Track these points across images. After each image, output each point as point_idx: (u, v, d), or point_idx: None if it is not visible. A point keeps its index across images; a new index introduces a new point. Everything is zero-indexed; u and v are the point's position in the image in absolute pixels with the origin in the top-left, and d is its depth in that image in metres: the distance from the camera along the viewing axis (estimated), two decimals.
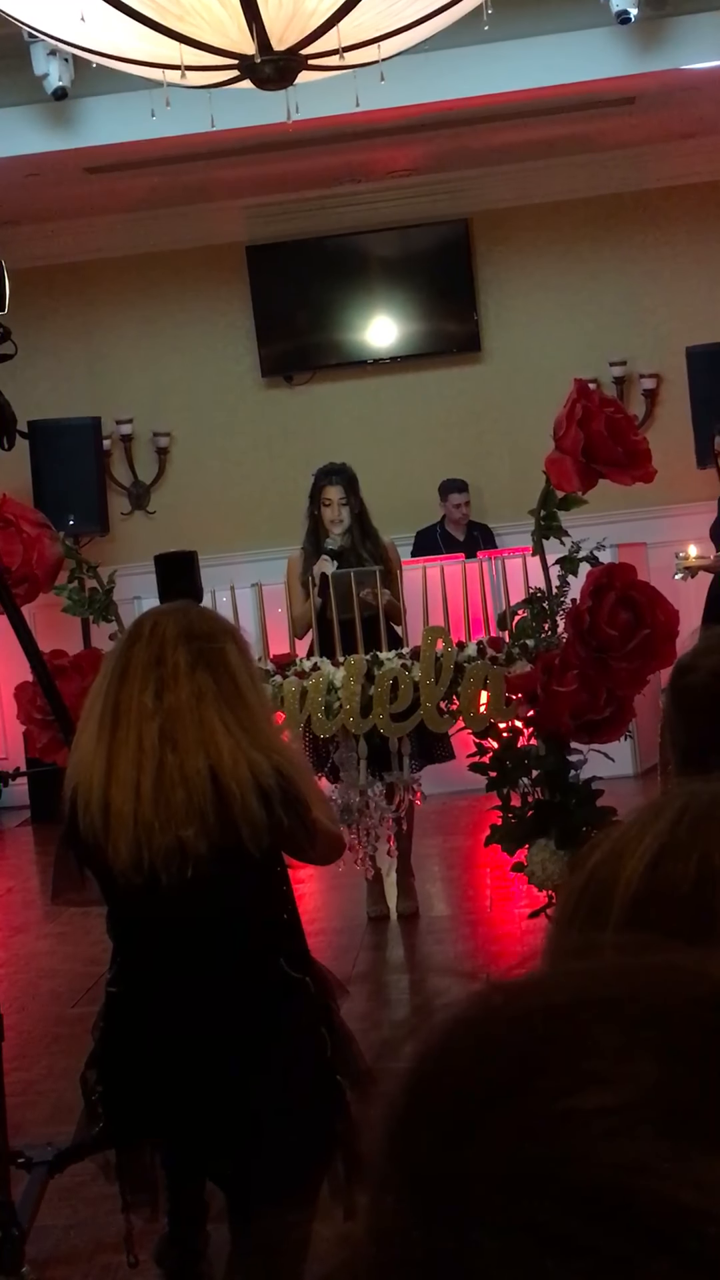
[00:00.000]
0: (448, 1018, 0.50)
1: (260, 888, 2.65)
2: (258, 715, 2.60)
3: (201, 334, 9.99)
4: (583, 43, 7.53)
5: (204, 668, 2.56)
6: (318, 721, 4.93)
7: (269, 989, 2.65)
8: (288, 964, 2.67)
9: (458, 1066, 0.48)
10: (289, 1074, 2.64)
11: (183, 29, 3.68)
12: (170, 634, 2.60)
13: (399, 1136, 0.48)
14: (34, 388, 8.71)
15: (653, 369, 9.71)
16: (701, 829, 0.87)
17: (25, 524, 4.74)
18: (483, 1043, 0.49)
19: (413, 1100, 0.48)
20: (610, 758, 4.78)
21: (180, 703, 2.53)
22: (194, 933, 2.63)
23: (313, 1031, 2.68)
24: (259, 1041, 2.63)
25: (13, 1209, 3.37)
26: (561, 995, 0.50)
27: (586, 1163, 0.44)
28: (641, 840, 0.88)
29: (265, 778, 2.53)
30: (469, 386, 9.91)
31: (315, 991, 2.70)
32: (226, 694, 2.56)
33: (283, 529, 9.20)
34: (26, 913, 6.74)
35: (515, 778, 4.77)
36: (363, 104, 4.64)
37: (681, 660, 2.05)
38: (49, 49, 6.75)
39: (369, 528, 6.18)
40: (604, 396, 4.74)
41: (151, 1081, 2.71)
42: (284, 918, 2.72)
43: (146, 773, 2.53)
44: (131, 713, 2.56)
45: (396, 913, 6.24)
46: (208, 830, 2.52)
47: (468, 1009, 0.51)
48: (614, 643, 4.42)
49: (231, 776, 2.51)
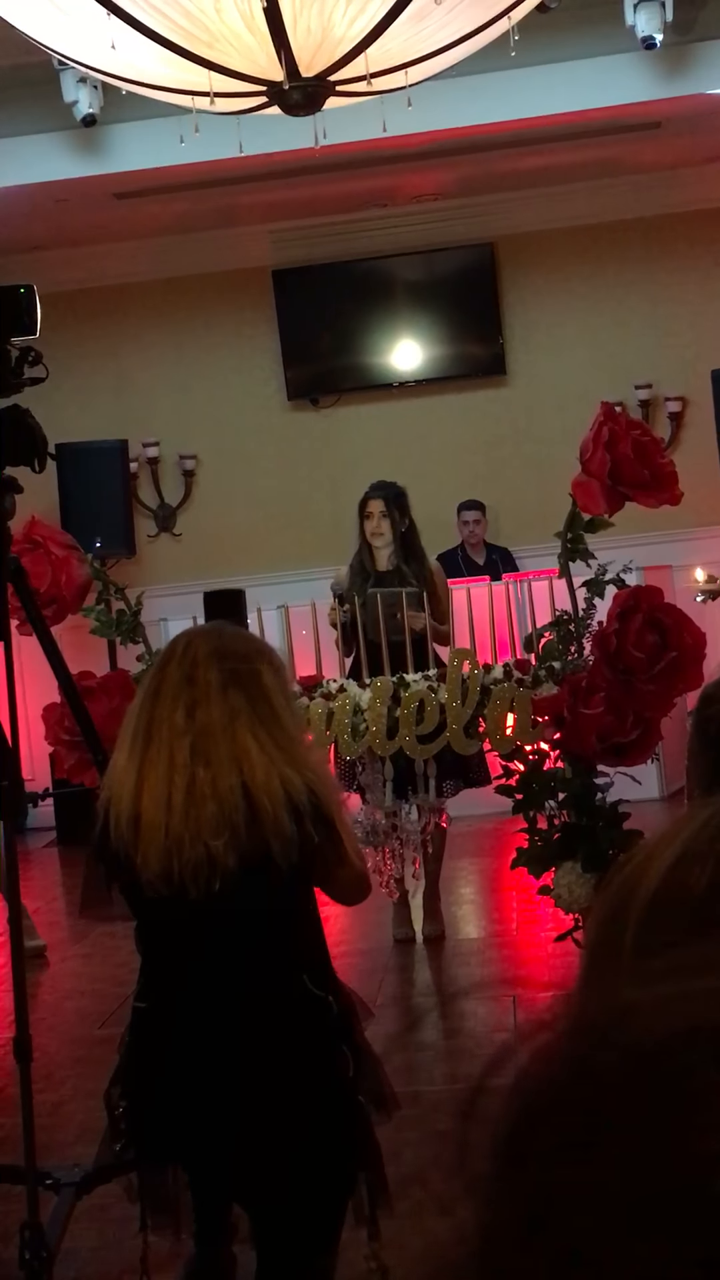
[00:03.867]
0: (559, 1041, 0.49)
1: (286, 903, 2.65)
2: (292, 734, 2.62)
3: (228, 357, 10.03)
4: (608, 68, 7.55)
5: (236, 686, 2.60)
6: (344, 743, 4.94)
7: (291, 1005, 2.65)
8: (311, 981, 2.66)
9: (602, 1083, 0.47)
10: (310, 1093, 2.63)
11: (211, 56, 3.71)
12: (202, 653, 2.64)
13: (516, 1158, 0.47)
14: (62, 410, 8.75)
15: (678, 392, 9.71)
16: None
17: (53, 546, 4.77)
18: (629, 1062, 0.48)
19: (534, 1122, 0.48)
20: (637, 780, 4.77)
21: (212, 720, 2.57)
22: (219, 945, 2.64)
23: (334, 1050, 2.66)
24: (280, 1058, 2.62)
25: (41, 1231, 3.37)
26: (686, 1019, 0.48)
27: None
28: (669, 847, 0.89)
29: (297, 794, 2.55)
30: (494, 410, 9.92)
31: (338, 1011, 2.68)
32: (260, 713, 2.59)
33: (308, 551, 9.23)
34: (53, 933, 6.75)
35: (542, 800, 4.77)
36: (390, 129, 4.67)
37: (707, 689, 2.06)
38: (79, 76, 6.81)
39: (416, 549, 6.17)
40: (630, 419, 4.75)
41: (173, 1098, 2.71)
42: (309, 935, 2.72)
43: (178, 787, 2.56)
44: (164, 730, 2.60)
45: (423, 935, 6.23)
46: (237, 843, 2.54)
47: (591, 1022, 0.50)
48: (641, 665, 4.42)
49: (264, 791, 2.54)
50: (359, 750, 4.97)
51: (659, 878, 0.86)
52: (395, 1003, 5.56)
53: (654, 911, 0.84)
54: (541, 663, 4.85)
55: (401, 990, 5.75)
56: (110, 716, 4.50)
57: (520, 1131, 0.48)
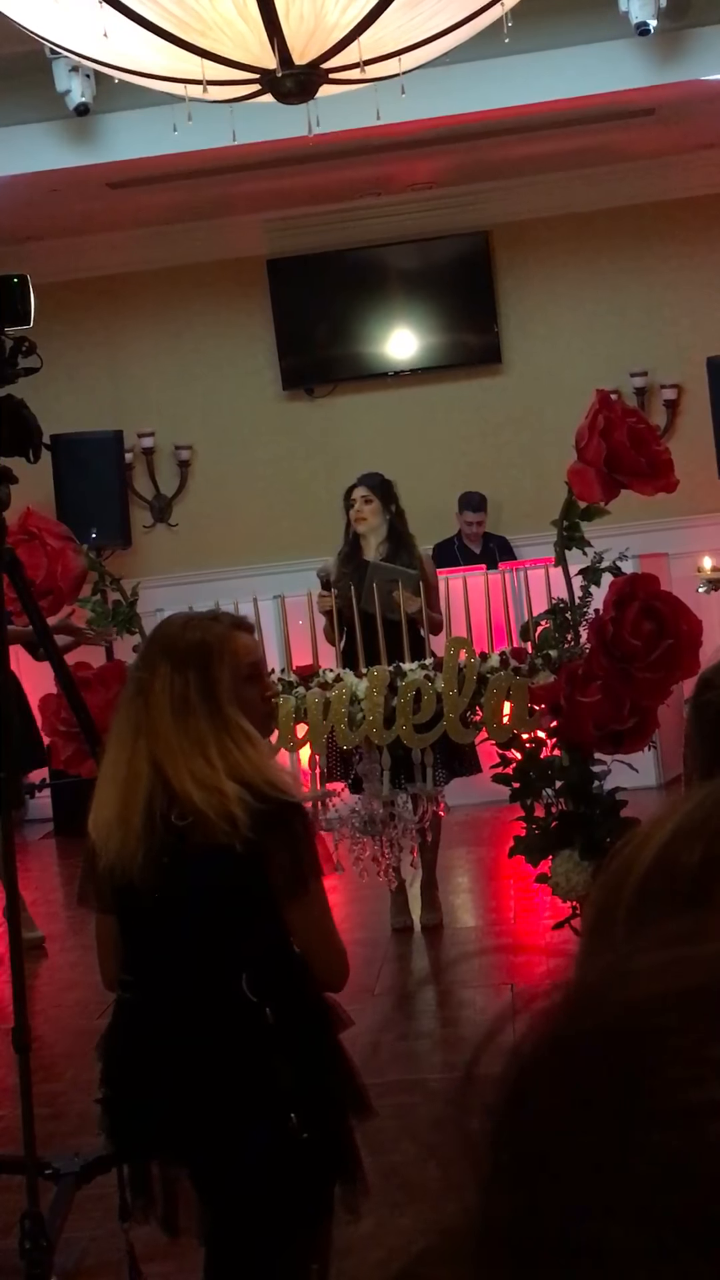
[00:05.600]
0: (551, 1008, 0.50)
1: (229, 904, 2.62)
2: (237, 735, 2.62)
3: (222, 347, 10.02)
4: (602, 54, 7.54)
5: (182, 686, 2.63)
6: (341, 733, 4.93)
7: (221, 1008, 2.61)
8: (250, 984, 2.59)
9: (574, 1056, 0.48)
10: (232, 1099, 2.59)
11: (204, 44, 3.70)
12: (156, 651, 2.73)
13: (512, 1127, 0.48)
14: (56, 401, 8.74)
15: (674, 379, 9.71)
16: (716, 815, 0.89)
17: (49, 537, 4.76)
18: (603, 1031, 0.48)
19: (526, 1089, 0.48)
20: (634, 768, 4.77)
21: (156, 721, 2.62)
22: (161, 941, 2.69)
23: (261, 1060, 2.58)
24: (206, 1059, 2.61)
25: (41, 1220, 3.37)
26: (678, 981, 0.49)
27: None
28: (663, 825, 0.90)
29: (230, 800, 2.54)
30: (489, 398, 9.92)
31: (274, 1022, 2.59)
32: (204, 712, 2.61)
33: (304, 541, 9.22)
34: (51, 925, 6.76)
35: (539, 789, 4.77)
36: (383, 117, 4.65)
37: (704, 675, 2.06)
38: (71, 65, 6.79)
39: (406, 539, 6.19)
40: (626, 407, 4.74)
41: (131, 1090, 2.76)
42: (257, 937, 2.64)
43: (130, 785, 2.63)
44: (125, 729, 2.68)
45: (420, 924, 6.23)
46: (172, 842, 2.58)
47: (574, 996, 0.51)
48: (637, 653, 4.41)
49: (198, 792, 2.56)
50: (356, 739, 4.97)
51: (653, 855, 0.87)
52: (393, 991, 5.56)
53: (647, 888, 0.85)
54: (538, 651, 4.84)
55: (399, 979, 5.76)
56: (107, 707, 4.50)
57: (511, 1106, 0.48)
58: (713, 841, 0.87)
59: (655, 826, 0.90)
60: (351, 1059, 2.76)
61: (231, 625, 2.76)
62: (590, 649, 4.56)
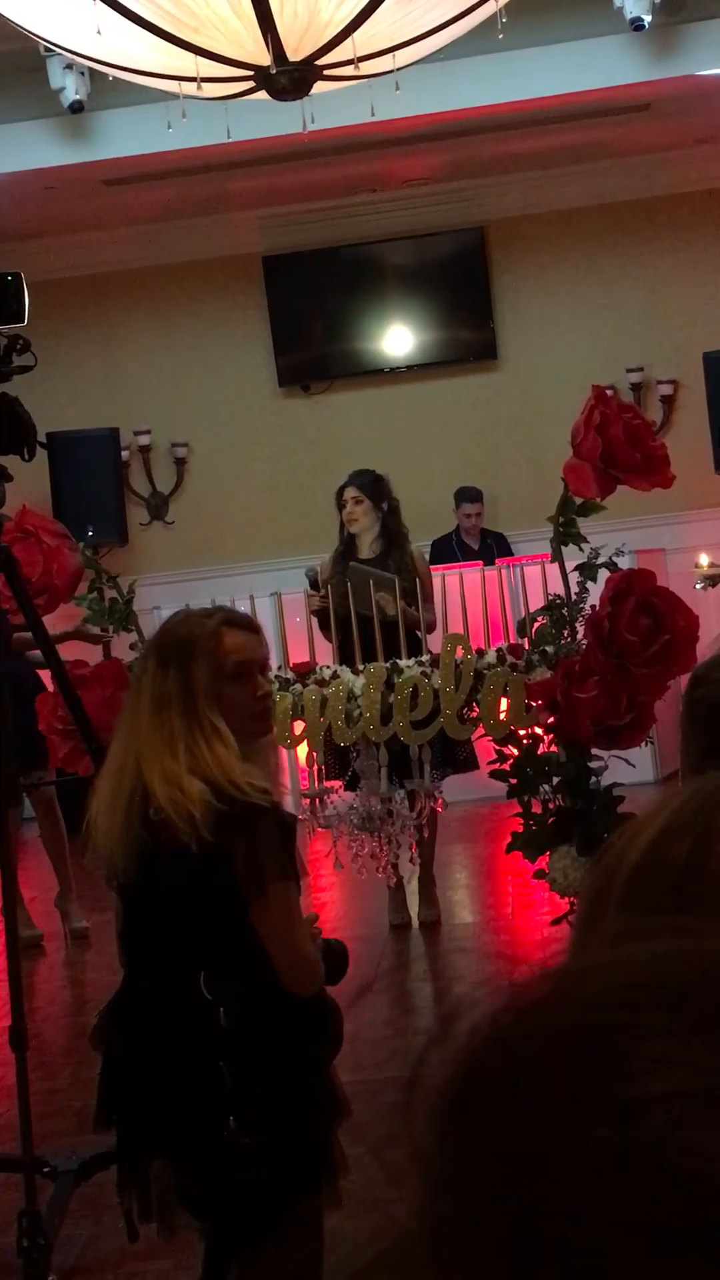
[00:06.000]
0: (497, 1007, 0.51)
1: (190, 902, 2.61)
2: (208, 733, 2.61)
3: (218, 344, 10.01)
4: (597, 50, 7.53)
5: (164, 681, 2.65)
6: (338, 730, 4.93)
7: (180, 1007, 2.61)
8: (205, 985, 2.57)
9: (517, 1054, 0.49)
10: (180, 1105, 2.59)
11: (198, 41, 3.70)
12: (150, 646, 2.79)
13: (456, 1125, 0.48)
14: (52, 399, 8.73)
15: (670, 375, 9.70)
16: (705, 810, 0.90)
17: (45, 535, 4.76)
18: (541, 1030, 0.49)
19: (470, 1089, 0.49)
20: (631, 764, 4.78)
21: (140, 717, 2.65)
22: (140, 936, 2.73)
23: (209, 1064, 2.56)
24: (163, 1059, 2.62)
25: (39, 1218, 3.37)
26: (618, 979, 0.50)
27: (664, 1148, 0.45)
28: (653, 822, 0.91)
29: (191, 799, 2.54)
30: (485, 394, 9.91)
31: (227, 1024, 2.56)
32: (180, 709, 2.62)
33: (301, 538, 9.22)
34: (49, 922, 6.76)
35: (536, 785, 4.77)
36: (378, 113, 4.65)
37: (697, 670, 2.06)
38: (65, 63, 6.79)
39: (398, 538, 6.18)
40: (622, 403, 4.74)
41: (111, 1084, 2.78)
42: (214, 938, 2.61)
43: (119, 780, 2.66)
44: (123, 723, 2.72)
45: (419, 920, 6.24)
46: (148, 836, 2.60)
47: (521, 995, 0.51)
48: (634, 648, 4.41)
49: (165, 788, 2.56)
50: (353, 736, 4.97)
51: (642, 850, 0.87)
52: (392, 988, 5.57)
53: (636, 883, 0.85)
54: (535, 647, 4.84)
55: (398, 975, 5.76)
56: (104, 705, 4.50)
57: (457, 1105, 0.49)
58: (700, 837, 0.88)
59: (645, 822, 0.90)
60: (333, 1068, 2.71)
61: (223, 621, 2.72)
62: (587, 645, 4.56)
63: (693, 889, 0.85)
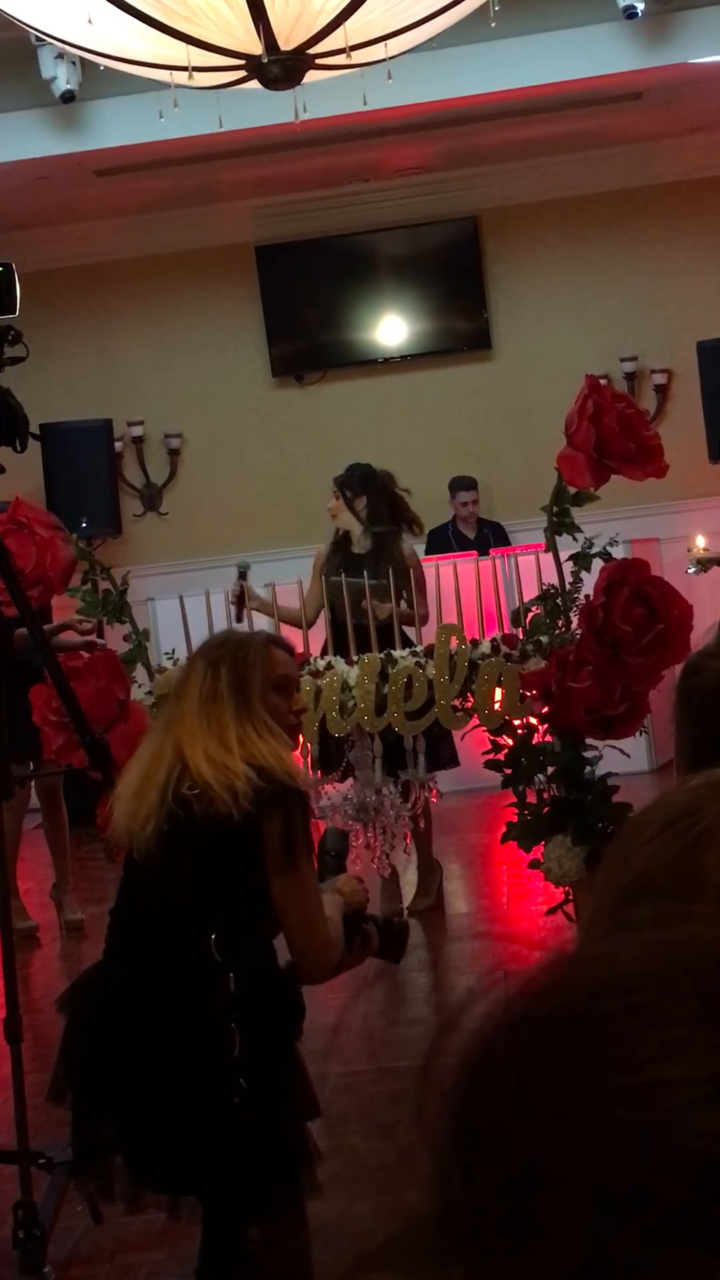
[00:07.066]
0: (514, 989, 0.52)
1: (217, 868, 2.70)
2: (260, 727, 2.77)
3: (212, 335, 10.00)
4: (589, 38, 7.52)
5: (215, 680, 2.80)
6: (333, 720, 4.93)
7: (188, 968, 2.66)
8: (217, 946, 2.64)
9: (529, 1039, 0.50)
10: (183, 1068, 2.62)
11: (189, 30, 3.69)
12: (195, 656, 3.00)
13: (471, 1105, 0.49)
14: (45, 390, 8.71)
15: (664, 364, 9.69)
16: (704, 797, 0.91)
17: (38, 526, 4.75)
18: (559, 1013, 0.50)
19: (483, 1073, 0.49)
20: (626, 753, 4.78)
21: (185, 711, 2.80)
22: (146, 905, 2.78)
23: (216, 1029, 2.61)
24: (161, 1011, 2.65)
25: (35, 1210, 3.38)
26: (635, 965, 0.51)
27: (677, 1131, 0.45)
28: (652, 818, 0.92)
29: (235, 776, 2.68)
30: (479, 384, 9.90)
31: (235, 991, 2.63)
32: (231, 705, 2.77)
33: (295, 529, 9.21)
34: (45, 914, 6.76)
35: (531, 774, 4.77)
36: (370, 103, 4.64)
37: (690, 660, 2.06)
38: (56, 52, 6.77)
39: (386, 537, 6.16)
40: (615, 392, 4.74)
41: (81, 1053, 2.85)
42: (234, 903, 2.70)
43: (153, 766, 2.79)
44: (158, 725, 2.95)
45: (408, 909, 6.23)
46: (178, 811, 2.70)
47: (536, 980, 0.52)
48: (628, 638, 4.41)
49: (214, 765, 2.70)
50: (348, 727, 4.97)
51: (642, 848, 0.88)
52: (385, 978, 5.57)
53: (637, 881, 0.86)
54: (529, 637, 4.84)
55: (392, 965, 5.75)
56: (97, 697, 4.50)
57: (467, 1087, 0.49)
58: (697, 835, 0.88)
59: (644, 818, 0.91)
60: (304, 1064, 2.78)
61: (268, 640, 3.02)
62: (581, 634, 4.56)
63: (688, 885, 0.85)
